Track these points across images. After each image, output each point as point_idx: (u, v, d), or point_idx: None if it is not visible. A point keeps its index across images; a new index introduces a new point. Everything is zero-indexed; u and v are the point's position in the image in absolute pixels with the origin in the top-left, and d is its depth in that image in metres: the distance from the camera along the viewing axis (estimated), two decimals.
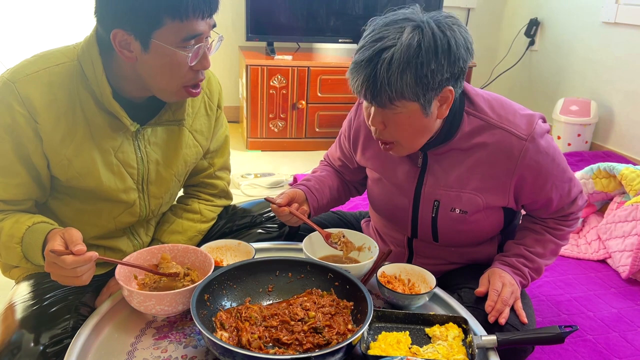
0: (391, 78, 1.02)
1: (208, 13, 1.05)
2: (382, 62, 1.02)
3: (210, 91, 1.30)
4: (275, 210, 1.25)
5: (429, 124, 1.12)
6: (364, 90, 1.06)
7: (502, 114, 1.18)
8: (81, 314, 1.14)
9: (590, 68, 3.41)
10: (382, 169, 1.31)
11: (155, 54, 1.04)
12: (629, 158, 3.12)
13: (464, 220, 1.24)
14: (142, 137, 1.18)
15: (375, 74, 1.03)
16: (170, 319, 1.08)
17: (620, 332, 1.67)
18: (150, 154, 1.21)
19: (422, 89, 1.04)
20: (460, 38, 1.06)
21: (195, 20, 1.03)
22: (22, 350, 1.04)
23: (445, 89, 1.08)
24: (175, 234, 1.34)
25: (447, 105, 1.11)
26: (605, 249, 2.10)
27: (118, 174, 1.17)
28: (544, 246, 1.29)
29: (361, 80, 1.05)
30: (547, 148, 1.18)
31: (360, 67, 1.05)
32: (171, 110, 1.20)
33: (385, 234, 1.44)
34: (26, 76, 1.07)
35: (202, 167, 1.37)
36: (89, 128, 1.12)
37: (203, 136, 1.30)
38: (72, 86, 1.09)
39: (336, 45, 3.67)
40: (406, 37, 1.02)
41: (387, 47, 1.02)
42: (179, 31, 1.03)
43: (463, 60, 1.07)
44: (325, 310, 1.02)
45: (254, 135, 3.30)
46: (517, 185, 1.20)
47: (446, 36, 1.04)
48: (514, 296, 1.20)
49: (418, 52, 1.02)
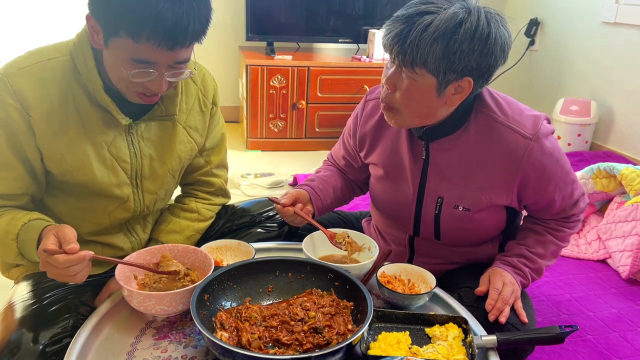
0: (422, 42, 1.03)
1: (167, 46, 0.99)
2: (420, 23, 1.03)
3: (204, 88, 1.30)
4: (280, 210, 1.25)
5: (437, 105, 1.13)
6: (393, 44, 1.07)
7: (509, 113, 1.19)
8: (81, 313, 1.14)
9: (590, 68, 3.41)
10: (387, 163, 1.31)
11: (111, 52, 1.04)
12: (629, 158, 3.11)
13: (467, 217, 1.24)
14: (135, 132, 1.19)
15: (409, 32, 1.04)
16: (170, 319, 1.08)
17: (620, 332, 1.67)
18: (144, 149, 1.21)
19: (445, 64, 1.05)
20: (501, 37, 1.07)
21: (151, 47, 0.99)
22: (21, 350, 1.04)
23: (466, 78, 1.08)
24: (173, 233, 1.34)
25: (461, 96, 1.12)
26: (605, 249, 2.10)
27: (111, 169, 1.17)
28: (545, 247, 1.29)
29: (394, 34, 1.06)
30: (551, 149, 1.19)
31: (397, 21, 1.06)
32: (163, 105, 1.20)
33: (386, 232, 1.44)
34: (19, 70, 1.08)
35: (199, 164, 1.37)
36: (82, 122, 1.12)
37: (197, 132, 1.30)
38: (65, 81, 1.10)
39: (336, 45, 3.67)
40: (453, 10, 1.03)
41: (431, 12, 1.04)
42: (131, 49, 1.00)
43: (495, 58, 1.07)
44: (325, 310, 1.02)
45: (254, 135, 3.30)
46: (521, 185, 1.21)
47: (490, 27, 1.05)
48: (514, 295, 1.20)
49: (457, 29, 1.03)
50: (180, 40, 1.00)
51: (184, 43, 1.01)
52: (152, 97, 1.11)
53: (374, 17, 3.54)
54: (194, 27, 1.00)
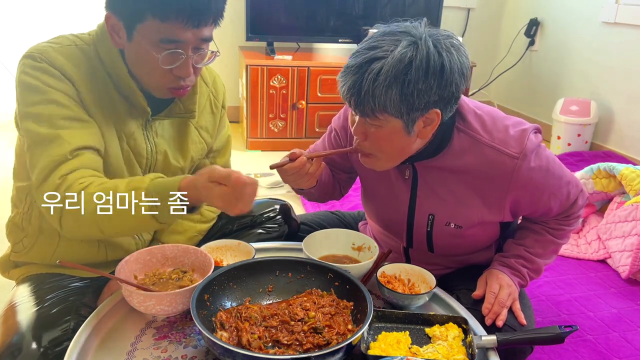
0: (376, 90, 1.00)
1: (193, 23, 1.02)
2: (370, 72, 1.00)
3: (216, 89, 1.32)
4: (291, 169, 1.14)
5: (410, 142, 1.10)
6: (349, 96, 1.04)
7: (494, 132, 1.15)
8: (82, 315, 1.14)
9: (590, 68, 3.41)
10: (376, 180, 1.30)
11: (137, 46, 1.05)
12: (629, 158, 3.12)
13: (460, 234, 1.23)
14: (150, 128, 1.19)
15: (362, 83, 1.01)
16: (170, 319, 1.08)
17: (620, 332, 1.67)
18: (160, 145, 1.22)
19: (406, 107, 1.01)
20: (457, 62, 1.02)
21: (177, 25, 1.01)
22: (23, 352, 1.04)
23: (432, 110, 1.05)
24: (175, 234, 1.34)
25: (432, 127, 1.08)
26: (605, 249, 2.10)
27: (128, 161, 1.17)
28: (544, 246, 1.29)
29: (348, 86, 1.03)
30: (539, 163, 1.15)
31: (349, 73, 1.03)
32: (181, 101, 1.20)
33: (382, 240, 1.43)
34: (52, 48, 1.08)
35: (204, 166, 1.37)
36: (107, 110, 1.12)
37: (208, 133, 1.31)
38: (92, 67, 1.10)
39: (336, 45, 3.67)
40: (399, 51, 0.99)
41: (379, 58, 1.00)
42: (158, 31, 1.02)
43: (456, 85, 1.03)
44: (325, 310, 1.02)
45: (254, 135, 3.31)
46: (513, 203, 1.19)
47: (441, 57, 1.00)
48: (511, 298, 1.19)
49: (408, 70, 0.99)
50: (205, 16, 1.04)
51: (208, 19, 1.05)
52: (182, 90, 1.12)
53: (374, 17, 3.54)
54: (217, 4, 1.06)
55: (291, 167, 1.15)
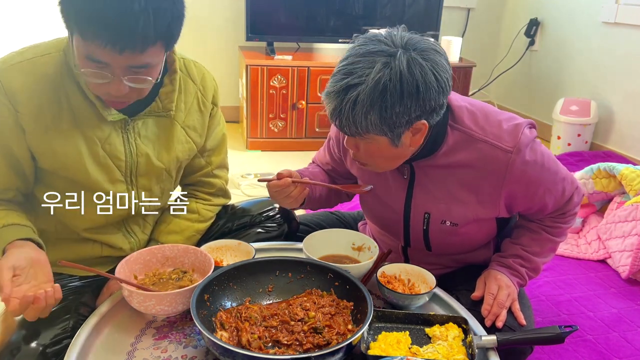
0: (356, 117, 1.02)
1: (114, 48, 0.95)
2: (347, 101, 1.01)
3: (204, 87, 1.29)
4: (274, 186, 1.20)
5: (401, 152, 1.12)
6: (333, 119, 1.07)
7: (487, 127, 1.15)
8: (81, 314, 1.14)
9: (590, 68, 3.41)
10: (372, 181, 1.30)
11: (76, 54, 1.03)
12: (629, 158, 3.12)
13: (456, 232, 1.23)
14: (131, 129, 1.18)
15: (341, 110, 1.03)
16: (170, 319, 1.08)
17: (620, 332, 1.67)
18: (140, 146, 1.20)
19: (388, 126, 1.03)
20: (431, 77, 1.01)
21: (98, 46, 0.95)
22: (21, 351, 1.04)
23: (418, 122, 1.06)
24: (173, 234, 1.34)
25: (422, 135, 1.09)
26: (605, 249, 2.10)
27: (104, 166, 1.17)
28: (541, 245, 1.28)
29: (330, 111, 1.06)
30: (534, 157, 1.15)
31: (330, 97, 1.05)
32: (160, 100, 1.19)
33: (380, 240, 1.43)
34: (10, 66, 1.08)
35: (199, 165, 1.37)
36: (75, 118, 1.12)
37: (196, 132, 1.29)
38: (58, 77, 1.10)
39: (336, 45, 3.67)
40: (372, 78, 0.99)
41: (354, 85, 1.00)
42: (83, 47, 0.99)
43: (434, 99, 1.03)
44: (325, 310, 1.02)
45: (254, 135, 3.31)
46: (508, 198, 1.18)
47: (414, 78, 0.99)
48: (510, 298, 1.19)
49: (384, 95, 0.99)
50: (129, 44, 0.95)
51: (134, 47, 0.96)
52: (119, 103, 1.09)
53: (374, 17, 3.54)
54: (145, 31, 0.95)
55: (274, 184, 1.20)
